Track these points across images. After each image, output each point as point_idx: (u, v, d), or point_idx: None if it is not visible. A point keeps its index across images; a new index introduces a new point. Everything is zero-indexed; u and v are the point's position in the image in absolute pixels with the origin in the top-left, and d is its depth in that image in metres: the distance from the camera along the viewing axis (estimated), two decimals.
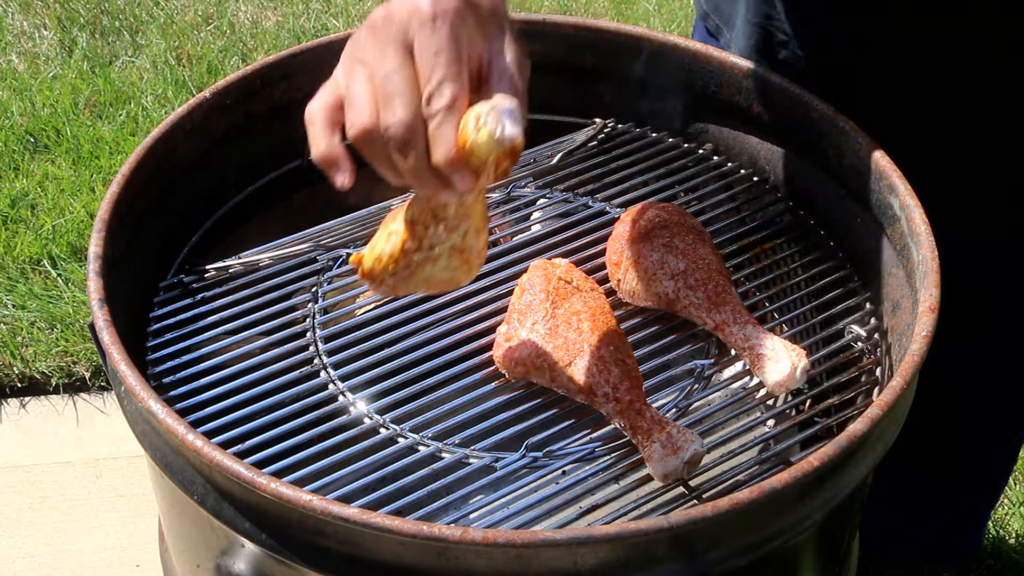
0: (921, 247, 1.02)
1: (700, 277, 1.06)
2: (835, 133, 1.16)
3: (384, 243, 0.88)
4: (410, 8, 0.76)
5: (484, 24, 0.77)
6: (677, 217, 1.11)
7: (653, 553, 0.82)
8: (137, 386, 0.89)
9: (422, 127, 0.75)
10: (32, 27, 3.06)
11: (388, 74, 0.75)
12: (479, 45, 0.77)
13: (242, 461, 0.84)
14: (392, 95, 0.75)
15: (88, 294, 0.97)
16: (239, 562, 0.93)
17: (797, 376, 1.01)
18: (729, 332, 1.04)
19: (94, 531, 1.98)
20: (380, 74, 0.75)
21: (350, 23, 3.13)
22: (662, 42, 1.26)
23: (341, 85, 0.79)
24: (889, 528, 1.69)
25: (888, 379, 0.92)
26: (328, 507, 0.80)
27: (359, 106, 0.76)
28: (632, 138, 1.30)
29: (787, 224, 1.20)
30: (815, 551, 1.01)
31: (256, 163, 1.25)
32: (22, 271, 2.34)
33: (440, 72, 0.74)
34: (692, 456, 0.93)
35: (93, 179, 2.54)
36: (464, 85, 0.75)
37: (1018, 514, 1.99)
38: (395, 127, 0.75)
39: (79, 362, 2.20)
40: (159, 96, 2.80)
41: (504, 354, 1.02)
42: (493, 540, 0.78)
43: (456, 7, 0.76)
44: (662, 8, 3.27)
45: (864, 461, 0.92)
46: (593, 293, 1.04)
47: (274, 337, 1.07)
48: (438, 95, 0.74)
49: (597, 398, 0.98)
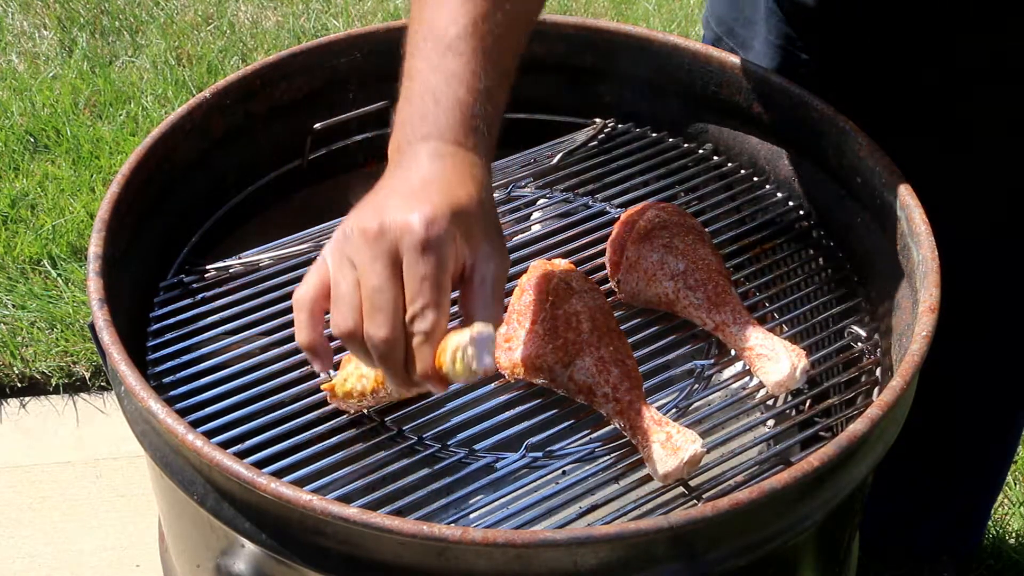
0: (921, 247, 1.02)
1: (700, 277, 1.06)
2: (835, 133, 1.16)
3: (355, 381, 0.97)
4: (403, 227, 0.79)
5: (471, 236, 0.82)
6: (677, 217, 1.11)
7: (653, 553, 0.82)
8: (137, 386, 0.89)
9: (403, 340, 0.80)
10: (32, 27, 3.06)
11: (376, 288, 0.79)
12: (464, 254, 0.82)
13: (242, 461, 0.84)
14: (378, 310, 0.79)
15: (88, 294, 0.97)
16: (239, 562, 0.93)
17: (797, 376, 1.01)
18: (729, 332, 1.04)
19: (94, 531, 1.98)
20: (368, 285, 0.80)
21: (350, 23, 3.13)
22: (662, 42, 1.26)
23: (329, 276, 0.83)
24: (889, 528, 1.69)
25: (888, 379, 0.92)
26: (328, 507, 0.80)
27: (345, 310, 0.81)
28: (632, 138, 1.30)
29: (787, 224, 1.20)
30: (815, 551, 1.01)
31: (256, 163, 1.25)
32: (22, 271, 2.34)
33: (423, 299, 0.79)
34: (692, 456, 0.93)
35: (93, 179, 2.54)
36: (445, 312, 0.80)
37: (1018, 514, 1.99)
38: (378, 340, 0.80)
39: (79, 362, 2.19)
40: (159, 96, 2.80)
41: (504, 354, 1.02)
42: (493, 540, 0.78)
43: (446, 231, 0.80)
44: (662, 8, 3.27)
45: (864, 461, 0.92)
46: (593, 293, 1.04)
47: (274, 337, 1.07)
48: (420, 319, 0.79)
49: (597, 398, 0.98)
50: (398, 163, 0.85)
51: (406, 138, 0.86)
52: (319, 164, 1.28)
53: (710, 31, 1.37)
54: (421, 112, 0.85)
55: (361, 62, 1.26)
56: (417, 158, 0.84)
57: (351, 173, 1.32)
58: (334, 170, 1.29)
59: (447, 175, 0.83)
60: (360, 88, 1.27)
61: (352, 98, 1.27)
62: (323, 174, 1.29)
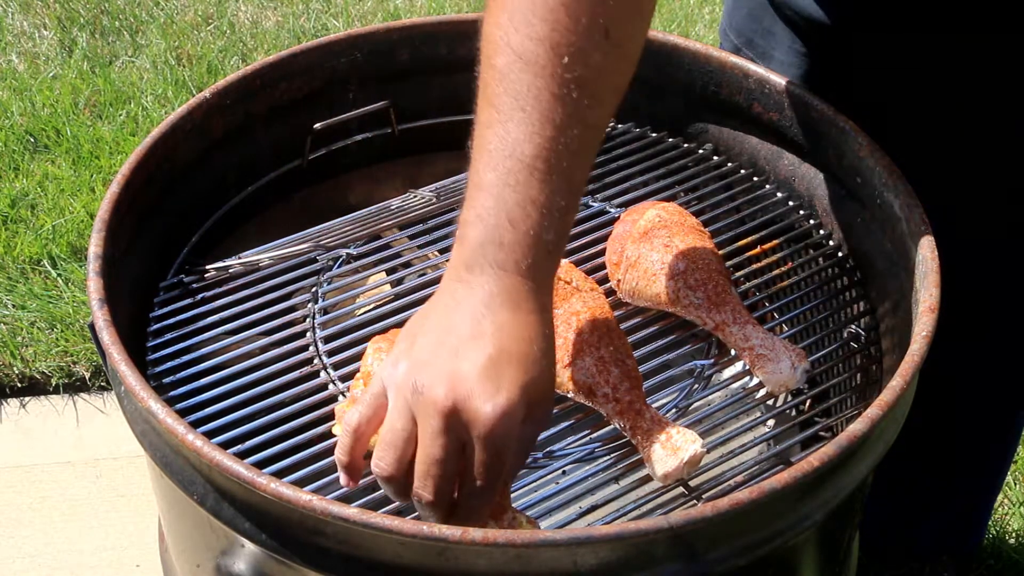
0: (921, 247, 1.02)
1: (700, 277, 1.06)
2: (835, 133, 1.16)
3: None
4: (476, 415, 0.79)
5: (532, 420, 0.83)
6: (677, 217, 1.11)
7: (653, 553, 0.82)
8: (137, 386, 0.89)
9: (446, 508, 0.82)
10: (32, 27, 3.06)
11: (436, 461, 0.80)
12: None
13: (242, 461, 0.84)
14: (431, 477, 0.80)
15: (88, 294, 0.97)
16: (239, 562, 0.93)
17: (797, 376, 1.01)
18: (729, 332, 1.04)
19: (94, 531, 1.98)
20: (428, 454, 0.80)
21: (350, 23, 3.13)
22: (662, 42, 1.25)
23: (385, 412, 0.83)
24: (889, 528, 1.69)
25: (888, 379, 0.92)
26: (328, 507, 0.80)
27: (392, 459, 0.82)
28: (632, 138, 1.30)
29: (787, 224, 1.20)
30: (815, 551, 1.01)
31: (256, 163, 1.25)
32: (22, 271, 2.34)
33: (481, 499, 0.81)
34: (692, 456, 0.93)
35: (93, 179, 2.54)
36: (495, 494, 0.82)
37: (1018, 514, 1.99)
38: (424, 501, 0.81)
39: (79, 362, 2.19)
40: (159, 96, 2.80)
41: None
42: (493, 540, 0.78)
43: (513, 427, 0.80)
44: (662, 8, 3.27)
45: (864, 461, 0.92)
46: (593, 293, 1.04)
47: (274, 337, 1.07)
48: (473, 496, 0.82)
49: (597, 398, 0.98)
50: (465, 292, 0.83)
51: (477, 260, 0.83)
52: (319, 164, 1.28)
53: (728, 42, 1.35)
54: (497, 237, 0.82)
55: (361, 62, 1.26)
56: (484, 292, 0.82)
57: (351, 173, 1.32)
58: (334, 170, 1.29)
59: (521, 340, 0.82)
60: (360, 88, 1.27)
61: (352, 98, 1.27)
62: (323, 174, 1.29)
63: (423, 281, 1.12)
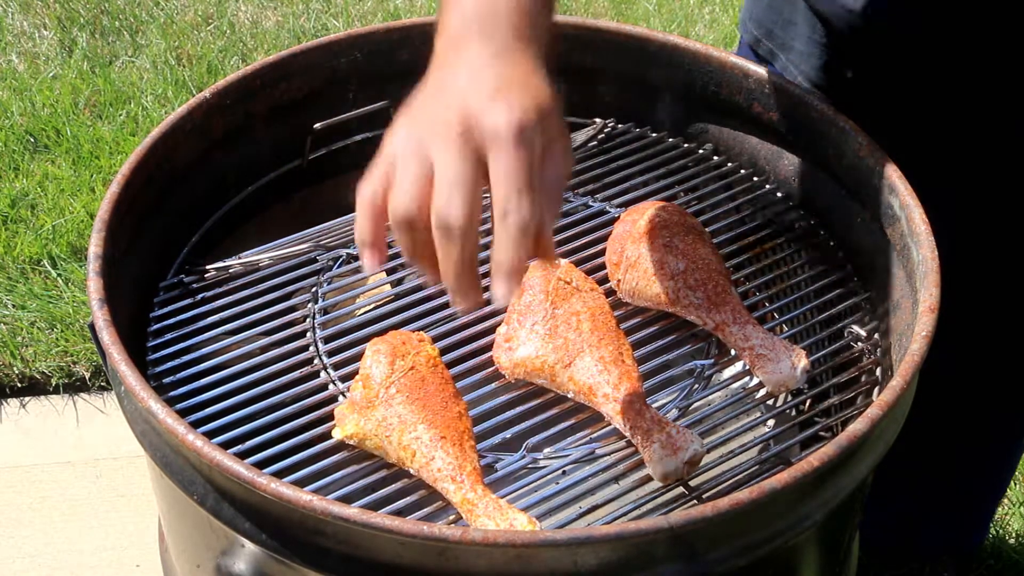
0: (921, 247, 1.02)
1: (700, 277, 1.06)
2: (835, 133, 1.16)
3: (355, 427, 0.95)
4: (492, 124, 0.75)
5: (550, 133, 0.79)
6: (677, 217, 1.11)
7: (653, 553, 0.82)
8: (137, 386, 0.89)
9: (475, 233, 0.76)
10: (32, 27, 3.06)
11: (458, 177, 0.75)
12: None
13: (242, 461, 0.84)
14: (457, 192, 0.75)
15: (88, 294, 0.97)
16: (239, 562, 0.93)
17: (797, 376, 1.01)
18: (729, 332, 1.04)
19: (94, 531, 1.98)
20: (448, 175, 0.75)
21: (350, 23, 3.13)
22: (662, 42, 1.25)
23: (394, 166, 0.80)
24: (889, 528, 1.69)
25: (888, 379, 0.92)
26: (328, 507, 0.80)
27: (406, 196, 0.77)
28: (632, 138, 1.30)
29: (787, 224, 1.20)
30: (815, 551, 1.01)
31: (256, 163, 1.25)
32: (22, 271, 2.34)
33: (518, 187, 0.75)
34: (692, 456, 0.93)
35: (93, 179, 2.54)
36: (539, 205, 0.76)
37: (1018, 514, 1.99)
38: (454, 218, 0.75)
39: (79, 362, 2.20)
40: (159, 96, 2.80)
41: (504, 354, 1.02)
42: (493, 540, 0.78)
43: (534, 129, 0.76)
44: (662, 8, 3.27)
45: (864, 461, 0.92)
46: (593, 293, 1.04)
47: (274, 337, 1.07)
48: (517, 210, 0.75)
49: (597, 398, 0.98)
50: (459, 57, 0.81)
51: (463, 34, 0.81)
52: (319, 164, 1.28)
53: (748, 33, 1.35)
54: (479, 11, 0.81)
55: (361, 62, 1.26)
56: (481, 54, 0.80)
57: (351, 173, 1.31)
58: (334, 170, 1.29)
59: (520, 72, 0.80)
60: (360, 88, 1.27)
61: (352, 98, 1.27)
62: (323, 174, 1.29)
63: (423, 281, 1.12)
